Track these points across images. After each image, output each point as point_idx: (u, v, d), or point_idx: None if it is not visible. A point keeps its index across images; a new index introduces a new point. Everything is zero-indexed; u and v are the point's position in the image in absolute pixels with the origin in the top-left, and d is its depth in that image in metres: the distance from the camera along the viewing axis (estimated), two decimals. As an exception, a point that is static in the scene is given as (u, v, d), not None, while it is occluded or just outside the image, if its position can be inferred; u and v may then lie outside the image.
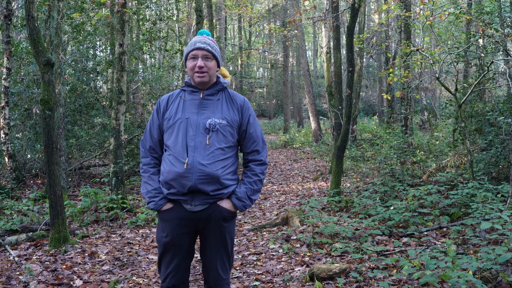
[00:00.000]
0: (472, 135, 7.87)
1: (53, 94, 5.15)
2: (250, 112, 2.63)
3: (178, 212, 2.51)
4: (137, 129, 10.84)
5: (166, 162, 2.53)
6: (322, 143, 15.99)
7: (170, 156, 2.51)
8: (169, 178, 2.49)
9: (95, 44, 13.80)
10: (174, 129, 2.52)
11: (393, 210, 5.63)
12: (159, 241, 2.58)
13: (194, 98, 2.57)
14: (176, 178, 2.46)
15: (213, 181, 2.46)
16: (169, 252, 2.54)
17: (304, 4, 9.62)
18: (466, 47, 7.79)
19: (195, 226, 2.52)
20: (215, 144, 2.48)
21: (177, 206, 2.52)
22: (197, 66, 2.50)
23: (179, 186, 2.46)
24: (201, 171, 2.43)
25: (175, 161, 2.47)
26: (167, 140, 2.55)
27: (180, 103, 2.58)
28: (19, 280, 4.14)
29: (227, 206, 2.52)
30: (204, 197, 2.48)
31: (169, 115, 2.56)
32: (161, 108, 2.61)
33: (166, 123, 2.56)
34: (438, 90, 17.84)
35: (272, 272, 4.34)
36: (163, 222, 2.56)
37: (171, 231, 2.51)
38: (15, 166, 8.90)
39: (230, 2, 17.04)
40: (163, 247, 2.55)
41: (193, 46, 2.52)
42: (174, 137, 2.51)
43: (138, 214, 6.59)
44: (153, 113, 2.66)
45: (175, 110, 2.56)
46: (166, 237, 2.53)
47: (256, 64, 35.71)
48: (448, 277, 3.46)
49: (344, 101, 8.41)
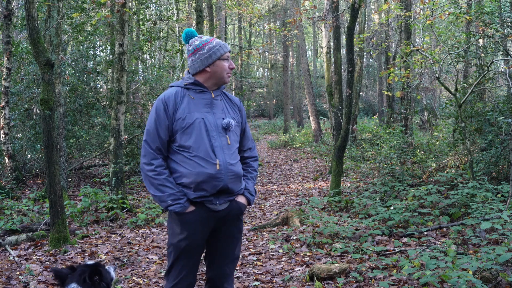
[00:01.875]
0: (472, 135, 7.87)
1: (53, 94, 5.16)
2: (244, 112, 2.75)
3: (201, 212, 2.48)
4: (137, 129, 10.84)
5: (188, 163, 2.45)
6: (322, 143, 15.99)
7: (195, 158, 2.44)
8: (199, 180, 2.43)
9: (95, 44, 13.80)
10: (193, 129, 2.46)
11: (393, 210, 5.63)
12: (176, 245, 2.48)
13: (203, 97, 2.55)
14: (207, 179, 2.43)
15: (239, 180, 2.57)
16: (186, 255, 2.48)
17: (304, 4, 9.62)
18: (466, 47, 7.78)
19: (215, 224, 2.54)
20: (234, 143, 2.57)
21: (199, 206, 2.48)
22: (230, 67, 2.58)
23: (210, 187, 2.44)
24: (231, 171, 2.48)
25: (204, 162, 2.43)
26: (185, 141, 2.46)
27: (190, 102, 2.51)
28: (19, 280, 4.14)
29: (243, 201, 2.61)
30: (227, 196, 2.52)
31: (181, 114, 2.47)
32: (170, 108, 2.48)
33: (180, 123, 2.46)
34: (438, 90, 17.84)
35: (272, 272, 4.34)
36: (184, 224, 2.47)
37: (192, 233, 2.47)
38: (15, 166, 8.90)
39: (230, 2, 17.04)
40: (179, 250, 2.47)
41: (226, 48, 2.57)
42: (196, 138, 2.45)
43: (138, 214, 6.59)
44: (157, 112, 2.50)
45: (188, 110, 2.49)
46: (185, 240, 2.46)
47: (256, 64, 35.71)
48: (448, 277, 3.46)
49: (344, 101, 8.41)
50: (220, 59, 2.55)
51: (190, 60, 2.60)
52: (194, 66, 2.57)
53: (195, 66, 2.57)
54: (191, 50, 2.58)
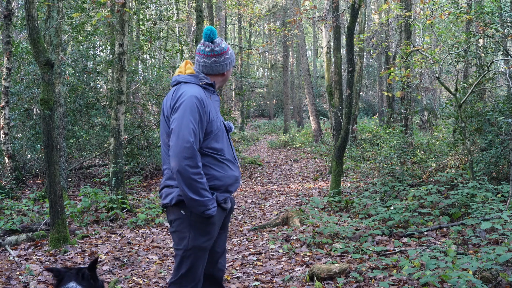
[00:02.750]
0: (472, 135, 7.87)
1: (53, 94, 5.15)
2: None
3: (220, 213, 2.55)
4: (137, 129, 10.84)
5: (221, 167, 2.47)
6: (322, 143, 15.99)
7: (226, 161, 2.50)
8: (229, 183, 2.51)
9: (95, 44, 13.81)
10: (222, 132, 2.51)
11: (393, 210, 5.63)
12: (201, 247, 2.47)
13: (215, 99, 2.61)
14: (234, 182, 2.55)
15: None
16: (204, 256, 2.53)
17: (304, 4, 9.62)
18: (466, 47, 7.78)
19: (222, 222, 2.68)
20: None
21: (218, 207, 2.54)
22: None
23: (234, 189, 2.58)
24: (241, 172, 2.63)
25: (233, 166, 2.55)
26: (216, 143, 2.45)
27: (211, 104, 2.50)
28: (19, 280, 4.14)
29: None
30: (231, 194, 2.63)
31: (213, 116, 2.45)
32: (206, 108, 2.41)
33: (213, 125, 2.44)
34: (438, 90, 17.84)
35: (272, 272, 4.34)
36: (210, 226, 2.49)
37: (215, 233, 2.55)
38: (15, 166, 8.90)
39: (230, 2, 17.04)
40: (202, 251, 2.48)
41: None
42: (223, 141, 2.52)
43: (138, 214, 6.59)
44: (199, 111, 2.37)
45: (214, 111, 2.49)
46: (209, 240, 2.50)
47: (256, 64, 35.70)
48: (448, 277, 3.46)
49: (344, 101, 8.41)
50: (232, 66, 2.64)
51: (211, 60, 2.52)
52: (215, 67, 2.54)
53: (217, 68, 2.54)
54: (218, 51, 2.51)
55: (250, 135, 22.21)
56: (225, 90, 20.98)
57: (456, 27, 9.85)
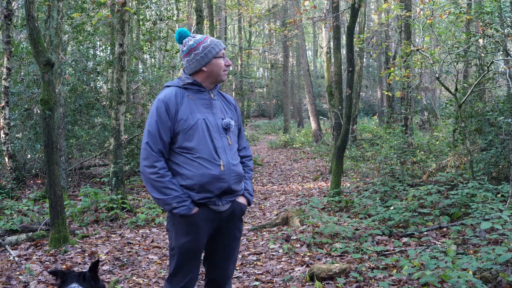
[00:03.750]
0: (472, 135, 7.87)
1: (53, 94, 5.16)
2: (239, 111, 2.74)
3: (204, 214, 2.46)
4: (137, 129, 10.84)
5: (192, 165, 2.42)
6: (322, 143, 15.99)
7: (198, 159, 2.42)
8: (203, 182, 2.41)
9: (95, 44, 13.81)
10: (196, 130, 2.43)
11: (393, 210, 5.63)
12: (181, 247, 2.45)
13: (202, 97, 2.53)
14: (212, 181, 2.42)
15: (241, 180, 2.58)
16: (191, 257, 2.47)
17: (304, 4, 9.62)
18: (466, 47, 7.78)
19: (217, 225, 2.54)
20: (234, 143, 2.58)
21: (202, 208, 2.47)
22: (226, 64, 2.54)
23: (215, 188, 2.43)
24: (234, 172, 2.49)
25: (208, 164, 2.42)
26: (188, 142, 2.43)
27: (190, 103, 2.48)
28: (19, 280, 4.14)
29: (244, 202, 2.61)
30: (229, 196, 2.52)
31: (183, 115, 2.44)
32: (171, 108, 2.44)
33: (183, 124, 2.43)
34: (438, 90, 17.84)
35: (272, 272, 4.34)
36: (190, 226, 2.45)
37: (197, 234, 2.46)
38: (15, 166, 8.90)
39: (230, 2, 17.04)
40: (185, 252, 2.45)
41: (221, 46, 2.53)
42: (198, 139, 2.43)
43: (138, 214, 6.59)
44: (158, 113, 2.44)
45: (189, 110, 2.46)
46: (190, 242, 2.45)
47: (256, 64, 35.69)
48: (448, 277, 3.46)
49: (344, 101, 8.41)
50: (216, 57, 2.51)
51: (185, 61, 2.55)
52: (190, 67, 2.53)
53: (191, 67, 2.53)
54: (186, 51, 2.53)
55: (250, 135, 22.21)
56: (225, 90, 20.95)
57: (456, 27, 9.85)
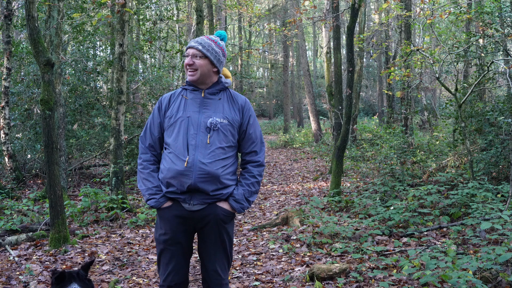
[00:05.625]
0: (472, 135, 7.87)
1: (53, 94, 5.16)
2: (251, 112, 2.64)
3: (177, 210, 2.52)
4: (137, 129, 10.83)
5: (166, 160, 2.54)
6: (322, 143, 15.99)
7: (170, 154, 2.51)
8: (169, 176, 2.49)
9: (95, 44, 13.80)
10: (175, 127, 2.53)
11: (393, 210, 5.63)
12: (158, 239, 2.58)
13: (195, 97, 2.58)
14: (176, 176, 2.47)
15: (213, 180, 2.47)
16: (168, 250, 2.54)
17: (304, 4, 9.61)
18: (466, 47, 7.78)
19: (194, 225, 2.55)
20: (216, 143, 2.49)
21: (176, 204, 2.53)
22: (185, 63, 2.58)
23: (179, 184, 2.47)
24: (201, 170, 2.44)
25: (176, 159, 2.48)
26: (168, 138, 2.55)
27: (182, 102, 2.59)
28: (19, 280, 4.14)
29: (225, 207, 2.53)
30: (203, 197, 2.49)
31: (170, 113, 2.57)
32: (163, 106, 2.62)
33: (168, 121, 2.57)
34: (438, 90, 17.84)
35: (272, 272, 4.34)
36: (162, 220, 2.56)
37: (170, 229, 2.53)
38: (15, 166, 8.90)
39: (230, 2, 17.03)
40: (161, 244, 2.56)
41: (189, 44, 2.59)
42: (175, 135, 2.51)
43: (138, 214, 6.59)
44: (153, 110, 2.65)
45: (177, 109, 2.57)
46: (164, 235, 2.54)
47: (256, 64, 35.68)
48: (448, 277, 3.46)
49: (344, 101, 8.41)
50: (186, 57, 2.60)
51: None
52: None
53: None
54: None
55: (250, 135, 22.15)
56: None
57: (456, 27, 9.85)
